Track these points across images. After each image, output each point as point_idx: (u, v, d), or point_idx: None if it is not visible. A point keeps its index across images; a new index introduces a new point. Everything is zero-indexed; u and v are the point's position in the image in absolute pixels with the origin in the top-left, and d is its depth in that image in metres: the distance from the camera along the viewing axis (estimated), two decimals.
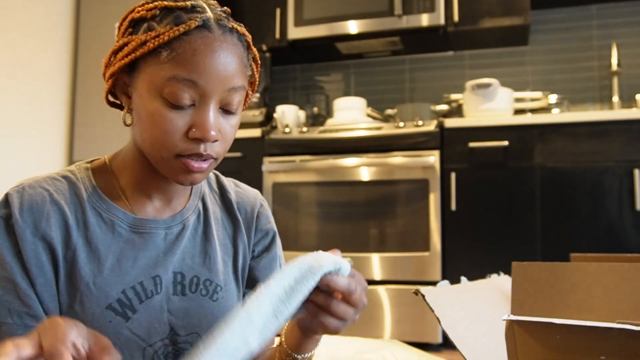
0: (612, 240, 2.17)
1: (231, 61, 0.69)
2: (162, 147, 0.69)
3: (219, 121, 0.70)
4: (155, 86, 0.68)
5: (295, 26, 2.81)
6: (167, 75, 0.67)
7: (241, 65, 0.71)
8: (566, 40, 2.81)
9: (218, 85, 0.68)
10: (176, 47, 0.67)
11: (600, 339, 0.57)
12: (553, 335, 0.60)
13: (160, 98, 0.68)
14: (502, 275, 1.12)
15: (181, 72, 0.67)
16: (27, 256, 0.66)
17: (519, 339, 0.62)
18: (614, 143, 2.21)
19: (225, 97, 0.70)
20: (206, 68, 0.67)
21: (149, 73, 0.69)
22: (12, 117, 2.58)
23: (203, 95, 0.68)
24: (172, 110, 0.68)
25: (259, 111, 2.81)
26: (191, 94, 0.68)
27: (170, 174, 0.71)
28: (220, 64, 0.68)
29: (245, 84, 0.73)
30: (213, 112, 0.69)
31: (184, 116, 0.68)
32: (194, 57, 0.67)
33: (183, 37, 0.67)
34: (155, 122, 0.68)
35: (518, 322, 0.62)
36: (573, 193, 2.24)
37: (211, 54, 0.67)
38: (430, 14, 2.61)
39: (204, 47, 0.67)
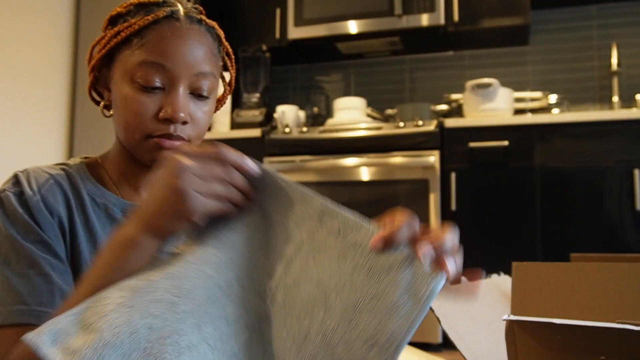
0: (612, 240, 2.17)
1: (198, 47, 0.74)
2: (134, 129, 0.72)
3: (188, 105, 0.74)
4: (127, 72, 0.72)
5: (295, 26, 2.81)
6: (138, 60, 0.72)
7: (209, 54, 0.76)
8: (566, 40, 2.81)
9: (185, 69, 0.72)
10: (146, 34, 0.72)
11: (600, 339, 0.57)
12: (553, 335, 0.60)
13: (132, 83, 0.72)
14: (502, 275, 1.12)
15: (150, 56, 0.71)
16: (44, 226, 0.70)
17: (519, 339, 0.62)
18: (614, 143, 2.21)
19: (194, 81, 0.74)
20: (173, 52, 0.72)
21: (122, 61, 0.73)
22: (13, 117, 2.58)
23: (172, 78, 0.72)
24: (144, 94, 0.72)
25: (259, 111, 2.81)
26: (160, 78, 0.72)
27: (145, 155, 0.74)
28: (187, 49, 0.73)
29: (215, 72, 0.77)
30: (182, 95, 0.73)
31: (155, 99, 0.72)
32: (162, 42, 0.72)
33: (152, 26, 0.72)
34: (128, 106, 0.72)
35: (518, 322, 0.62)
36: (573, 193, 2.24)
37: (178, 39, 0.72)
38: (430, 14, 2.61)
39: (171, 33, 0.72)
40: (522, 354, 0.62)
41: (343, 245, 0.50)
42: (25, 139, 2.64)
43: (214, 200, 0.55)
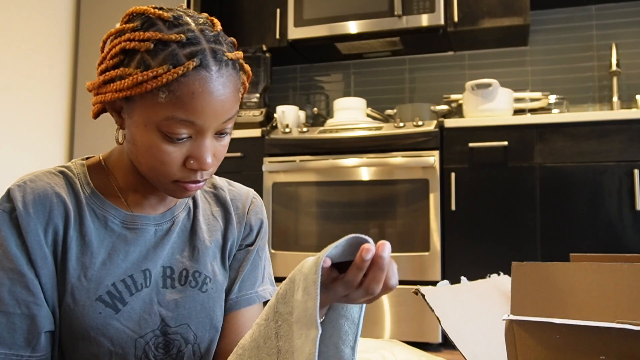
0: (612, 240, 2.18)
1: (228, 96, 0.70)
2: (159, 174, 0.72)
3: (213, 149, 0.73)
4: (152, 121, 0.69)
5: (295, 26, 2.81)
6: (165, 115, 0.67)
7: (236, 94, 0.73)
8: (566, 40, 2.82)
9: (215, 121, 0.70)
10: (174, 89, 0.67)
11: (599, 339, 0.57)
12: (553, 335, 0.60)
13: (157, 131, 0.69)
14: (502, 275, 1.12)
15: (179, 114, 0.67)
16: (32, 248, 0.68)
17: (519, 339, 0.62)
18: (614, 143, 2.21)
19: (220, 127, 0.72)
20: (204, 109, 0.68)
21: (145, 109, 0.69)
22: (13, 118, 2.58)
23: (200, 130, 0.70)
24: (170, 144, 0.69)
25: (259, 111, 2.81)
26: (188, 131, 0.69)
27: (168, 192, 0.75)
28: (218, 103, 0.69)
29: (237, 107, 0.75)
30: (210, 146, 0.72)
31: (181, 148, 0.70)
32: (192, 100, 0.67)
33: (181, 79, 0.66)
34: (153, 154, 0.70)
35: (518, 322, 0.62)
36: (573, 193, 2.24)
37: (209, 95, 0.68)
38: (430, 14, 2.61)
39: (202, 89, 0.67)
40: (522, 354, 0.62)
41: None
42: (25, 139, 2.64)
43: None
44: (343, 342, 0.66)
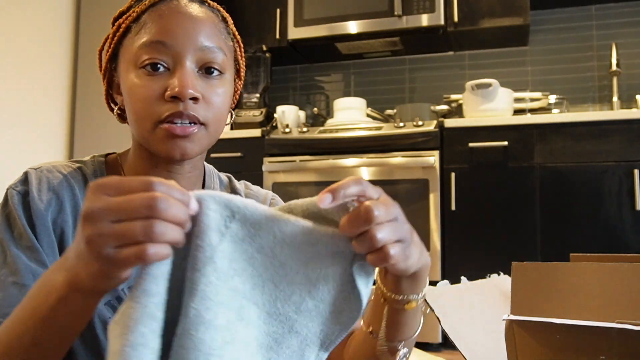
0: (612, 240, 2.18)
1: (200, 22, 0.69)
2: (143, 117, 0.68)
3: (197, 81, 0.69)
4: (130, 60, 0.69)
5: (295, 26, 2.81)
6: (138, 44, 0.68)
7: (214, 29, 0.71)
8: (566, 40, 2.82)
9: (187, 42, 0.68)
10: (144, 19, 0.69)
11: (600, 339, 0.57)
12: (553, 335, 0.60)
13: (136, 70, 0.69)
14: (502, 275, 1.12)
15: (149, 36, 0.68)
16: (40, 233, 0.66)
17: (519, 339, 0.62)
18: (614, 143, 2.21)
19: (200, 57, 0.69)
20: (172, 28, 0.68)
21: (125, 52, 0.71)
22: (12, 117, 2.58)
23: (175, 56, 0.68)
24: (148, 77, 0.68)
25: (259, 111, 2.81)
26: (164, 58, 0.68)
27: (158, 146, 0.69)
28: (188, 23, 0.68)
29: (224, 50, 0.72)
30: (188, 70, 0.68)
31: (160, 80, 0.68)
32: (160, 20, 0.68)
33: (150, 9, 0.69)
34: (134, 94, 0.68)
35: (518, 322, 0.62)
36: (573, 193, 2.24)
37: (177, 14, 0.69)
38: (430, 14, 2.61)
39: (170, 11, 0.69)
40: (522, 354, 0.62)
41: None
42: (25, 139, 2.64)
43: (138, 249, 0.43)
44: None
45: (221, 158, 2.58)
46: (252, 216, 0.49)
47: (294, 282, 0.51)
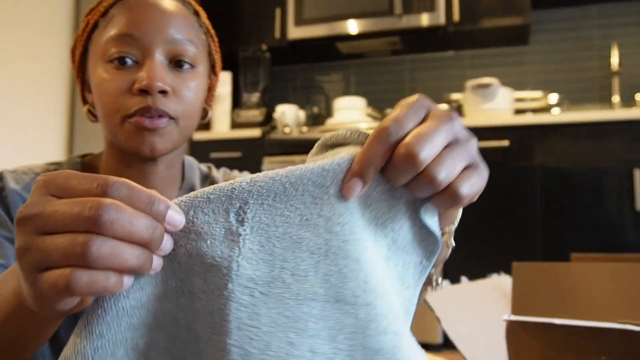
0: (612, 240, 2.17)
1: (169, 14, 0.67)
2: (111, 112, 0.66)
3: (167, 74, 0.66)
4: (98, 55, 0.67)
5: (295, 26, 2.81)
6: (106, 38, 0.66)
7: (185, 22, 0.69)
8: (566, 40, 2.81)
9: (157, 35, 0.66)
10: (112, 13, 0.68)
11: (600, 339, 0.57)
12: (553, 336, 0.59)
13: (104, 65, 0.67)
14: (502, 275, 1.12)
15: (117, 29, 0.66)
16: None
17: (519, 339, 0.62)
18: (614, 143, 2.20)
19: (170, 49, 0.67)
20: (140, 20, 0.66)
21: (94, 48, 0.69)
22: (12, 117, 2.58)
23: (144, 48, 0.66)
24: (116, 72, 0.66)
25: (259, 111, 2.81)
26: (133, 51, 0.66)
27: (127, 141, 0.66)
28: (157, 15, 0.66)
29: (196, 43, 0.70)
30: (157, 62, 0.65)
31: (128, 74, 0.66)
32: (128, 13, 0.66)
33: (119, 3, 0.68)
34: (102, 89, 0.66)
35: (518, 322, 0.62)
36: (573, 193, 2.24)
37: (146, 6, 0.67)
38: (431, 13, 2.60)
39: (138, 3, 0.67)
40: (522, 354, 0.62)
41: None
42: (25, 139, 2.64)
43: (62, 275, 0.33)
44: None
45: (221, 158, 2.58)
46: (271, 188, 0.38)
47: (358, 239, 0.39)
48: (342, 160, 0.39)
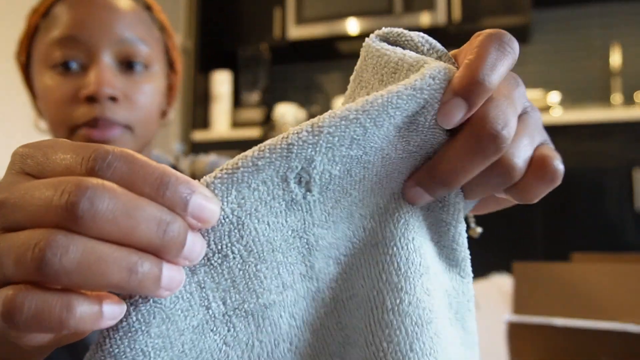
0: (613, 240, 2.17)
1: (117, 10, 0.61)
2: (58, 123, 0.61)
3: (117, 78, 0.60)
4: (42, 61, 0.62)
5: (295, 25, 2.81)
6: (48, 42, 0.61)
7: (134, 19, 0.63)
8: (567, 39, 2.81)
9: (103, 35, 0.60)
10: (54, 12, 0.62)
11: (600, 339, 0.57)
12: (553, 336, 0.59)
13: (48, 70, 0.61)
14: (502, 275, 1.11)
15: (59, 31, 0.60)
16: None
17: (519, 340, 0.62)
18: (615, 143, 2.20)
19: (119, 50, 0.61)
20: (84, 18, 0.60)
21: (37, 53, 0.64)
22: (11, 117, 2.57)
23: (89, 51, 0.60)
24: (61, 78, 0.60)
25: (259, 111, 2.81)
26: (77, 55, 0.60)
27: None
28: (101, 13, 0.60)
29: (148, 41, 0.64)
30: (105, 65, 0.59)
31: (73, 81, 0.60)
32: (70, 12, 0.60)
33: (60, 1, 0.62)
34: (47, 98, 0.61)
35: (518, 323, 0.62)
36: (573, 193, 2.24)
37: (89, 4, 0.60)
38: (431, 13, 2.60)
39: (79, 2, 0.61)
40: (522, 354, 0.62)
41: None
42: (23, 138, 2.63)
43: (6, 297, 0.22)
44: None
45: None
46: (345, 134, 0.27)
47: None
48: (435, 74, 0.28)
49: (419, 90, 0.28)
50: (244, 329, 0.27)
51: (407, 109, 0.28)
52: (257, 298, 0.27)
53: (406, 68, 0.30)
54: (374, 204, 0.31)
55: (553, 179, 0.31)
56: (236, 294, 0.27)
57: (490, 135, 0.27)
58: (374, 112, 0.27)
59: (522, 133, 0.30)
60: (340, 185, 0.29)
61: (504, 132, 0.27)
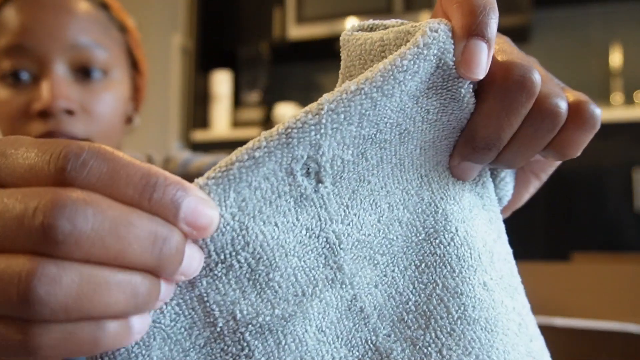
0: (613, 240, 2.17)
1: (68, 12, 0.56)
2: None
3: (72, 89, 0.55)
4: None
5: (295, 25, 2.81)
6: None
7: (89, 21, 0.57)
8: (567, 39, 2.81)
9: (53, 42, 0.54)
10: (1, 18, 0.56)
11: (601, 340, 0.57)
12: (553, 337, 0.59)
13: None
14: None
15: (6, 40, 0.55)
16: None
17: None
18: (615, 143, 2.20)
19: (73, 57, 0.56)
20: (31, 24, 0.54)
21: None
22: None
23: (39, 60, 0.54)
24: (10, 90, 0.55)
25: (259, 110, 2.81)
26: (26, 64, 0.54)
27: None
28: (51, 15, 0.55)
29: (106, 44, 0.59)
30: (57, 76, 0.54)
31: (24, 93, 0.55)
32: (17, 17, 0.55)
33: (6, 5, 0.57)
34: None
35: None
36: (573, 193, 2.24)
37: (37, 7, 0.55)
38: (431, 11, 2.60)
39: (28, 4, 0.55)
40: None
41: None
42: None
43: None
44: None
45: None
46: (352, 110, 0.25)
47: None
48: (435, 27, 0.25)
49: (424, 47, 0.24)
50: (261, 347, 0.23)
51: (416, 71, 0.24)
52: (273, 309, 0.23)
53: (392, 43, 0.27)
54: (401, 191, 0.27)
55: (594, 124, 0.30)
56: (248, 306, 0.23)
57: (518, 81, 0.26)
58: (378, 79, 0.24)
59: (546, 78, 0.29)
60: (356, 171, 0.26)
61: (530, 75, 0.26)
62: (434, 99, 0.26)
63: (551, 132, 0.28)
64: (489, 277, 0.28)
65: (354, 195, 0.26)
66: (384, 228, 0.27)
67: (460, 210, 0.28)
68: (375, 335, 0.26)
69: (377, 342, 0.26)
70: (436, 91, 0.26)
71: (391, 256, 0.27)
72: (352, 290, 0.25)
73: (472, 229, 0.28)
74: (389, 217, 0.27)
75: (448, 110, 0.27)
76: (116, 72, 0.60)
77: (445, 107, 0.27)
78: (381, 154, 0.26)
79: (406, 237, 0.27)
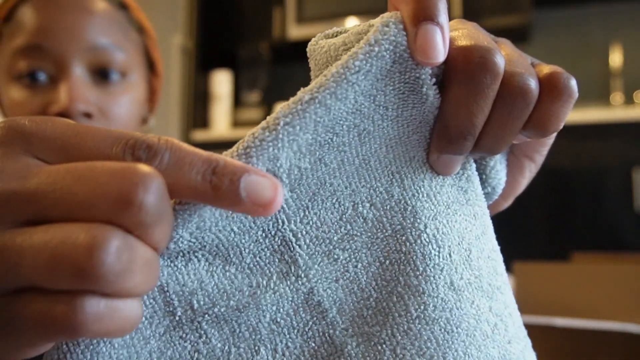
0: (613, 240, 2.17)
1: (88, 12, 0.55)
2: None
3: (90, 92, 0.55)
4: (6, 72, 0.56)
5: (296, 25, 2.81)
6: (12, 50, 0.55)
7: (109, 21, 0.57)
8: (567, 39, 2.81)
9: (72, 43, 0.54)
10: (17, 17, 0.55)
11: (600, 339, 0.57)
12: (553, 337, 0.59)
13: (13, 82, 0.55)
14: None
15: (23, 39, 0.54)
16: None
17: None
18: (615, 143, 2.20)
19: (92, 59, 0.55)
20: (50, 24, 0.54)
21: (1, 63, 0.58)
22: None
23: (58, 61, 0.54)
24: (27, 92, 0.54)
25: (259, 110, 2.81)
26: (44, 65, 0.54)
27: None
28: (70, 16, 0.54)
29: (125, 46, 0.58)
30: (76, 78, 0.53)
31: (42, 95, 0.54)
32: (35, 16, 0.54)
33: (23, 4, 0.56)
34: (15, 114, 0.55)
35: None
36: (573, 193, 2.24)
37: (56, 7, 0.54)
38: None
39: (46, 4, 0.55)
40: None
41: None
42: None
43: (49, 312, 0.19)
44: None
45: None
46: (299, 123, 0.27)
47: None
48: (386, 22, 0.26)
49: (375, 44, 0.25)
50: (218, 334, 0.25)
51: (369, 70, 0.25)
52: (229, 300, 0.25)
53: (355, 45, 0.27)
54: (368, 189, 0.27)
55: (570, 94, 0.30)
56: (205, 296, 0.24)
57: (480, 63, 0.25)
58: (331, 85, 0.25)
59: (511, 53, 0.28)
60: (315, 177, 0.26)
61: (491, 56, 0.25)
62: (391, 95, 0.26)
63: (525, 110, 0.27)
64: (459, 276, 0.28)
65: (315, 197, 0.27)
66: (346, 225, 0.27)
67: (432, 206, 0.28)
68: (332, 328, 0.26)
69: (334, 335, 0.26)
70: (394, 87, 0.26)
71: (353, 252, 0.27)
72: (309, 283, 0.26)
73: (446, 226, 0.28)
74: (352, 215, 0.27)
75: (408, 104, 0.27)
76: (134, 74, 0.59)
77: (404, 101, 0.27)
78: (341, 157, 0.27)
79: (371, 234, 0.27)
